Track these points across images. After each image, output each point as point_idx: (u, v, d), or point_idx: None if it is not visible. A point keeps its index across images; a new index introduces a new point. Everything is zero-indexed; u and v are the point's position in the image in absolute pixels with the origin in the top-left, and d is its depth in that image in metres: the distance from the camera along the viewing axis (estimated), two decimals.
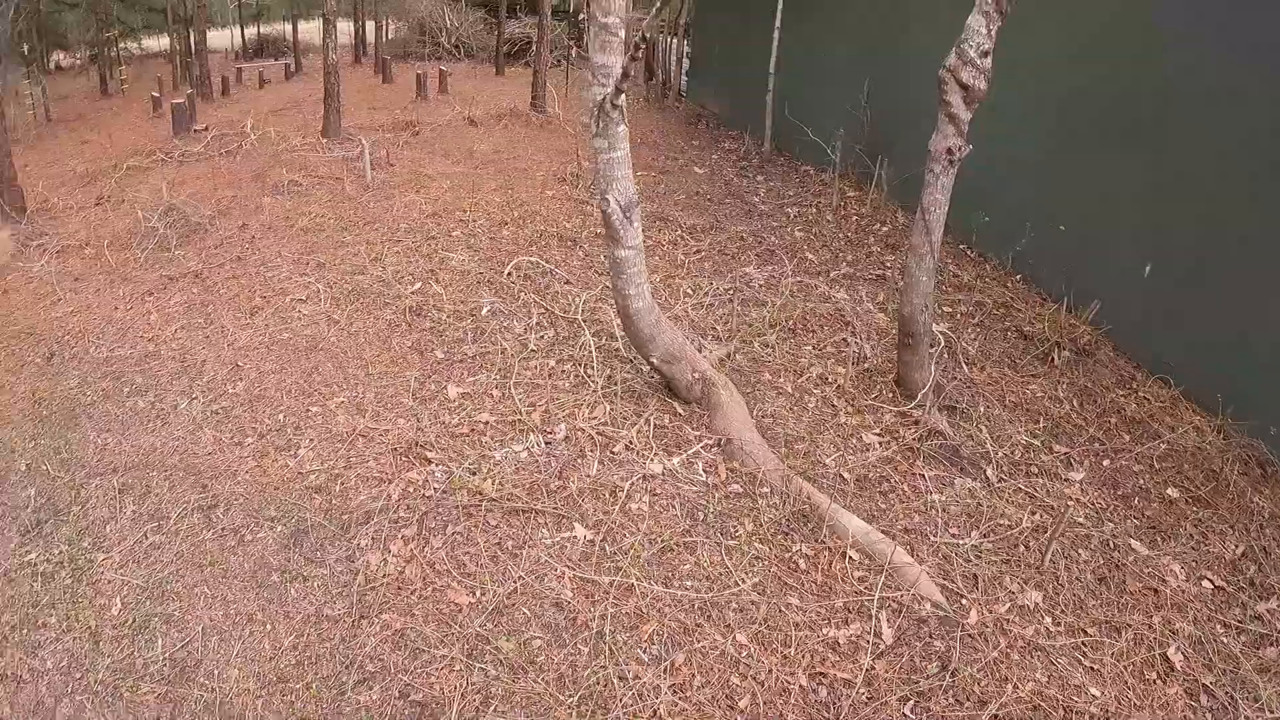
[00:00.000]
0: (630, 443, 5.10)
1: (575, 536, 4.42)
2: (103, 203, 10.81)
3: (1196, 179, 6.01)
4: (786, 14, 12.77)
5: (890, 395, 5.73)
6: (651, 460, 4.95)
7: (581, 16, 26.98)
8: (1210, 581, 4.43)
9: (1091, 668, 3.92)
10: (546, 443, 5.11)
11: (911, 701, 3.69)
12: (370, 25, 30.05)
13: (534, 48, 19.19)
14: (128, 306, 7.68)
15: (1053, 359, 6.26)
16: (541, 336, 6.44)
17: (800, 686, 3.70)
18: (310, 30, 36.61)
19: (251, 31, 38.57)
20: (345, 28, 29.37)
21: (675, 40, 19.97)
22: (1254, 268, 5.56)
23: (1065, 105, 7.16)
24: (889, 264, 8.09)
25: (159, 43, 37.19)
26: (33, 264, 9.16)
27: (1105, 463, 5.24)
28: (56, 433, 5.77)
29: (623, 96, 4.89)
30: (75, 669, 3.92)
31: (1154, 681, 3.88)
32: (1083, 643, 4.03)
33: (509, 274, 7.54)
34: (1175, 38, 6.19)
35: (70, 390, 6.32)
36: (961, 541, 4.50)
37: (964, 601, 4.13)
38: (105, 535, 4.72)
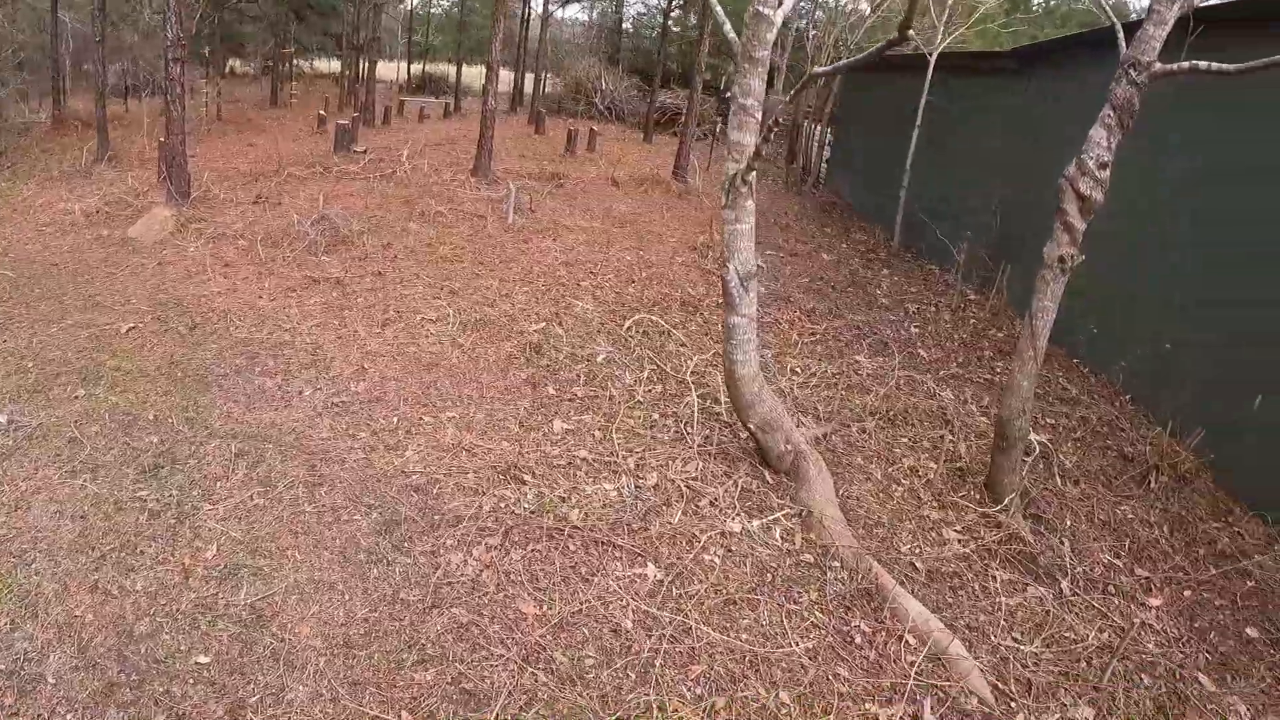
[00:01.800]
0: (716, 499, 5.57)
1: (646, 574, 4.88)
2: (261, 202, 12.11)
3: None
4: (927, 114, 13.51)
5: (978, 496, 6.03)
6: (733, 519, 5.39)
7: (729, 94, 28.22)
8: None
9: None
10: (636, 487, 5.63)
11: None
12: (530, 77, 32.06)
13: (682, 119, 20.25)
14: (270, 298, 8.67)
15: (1149, 483, 6.39)
16: (650, 390, 7.03)
17: None
18: (471, 75, 39.34)
19: (416, 68, 41.67)
20: (506, 77, 31.46)
21: (819, 128, 20.76)
22: None
23: (1188, 228, 7.40)
24: (999, 369, 8.40)
25: (328, 65, 40.61)
26: (189, 244, 10.35)
27: (1186, 593, 5.34)
28: (187, 394, 6.62)
29: (753, 174, 5.48)
30: (161, 596, 4.50)
31: None
32: None
33: (628, 328, 8.22)
34: None
35: (206, 360, 7.21)
36: (1022, 647, 4.69)
37: (1012, 705, 4.32)
38: (214, 490, 5.43)
